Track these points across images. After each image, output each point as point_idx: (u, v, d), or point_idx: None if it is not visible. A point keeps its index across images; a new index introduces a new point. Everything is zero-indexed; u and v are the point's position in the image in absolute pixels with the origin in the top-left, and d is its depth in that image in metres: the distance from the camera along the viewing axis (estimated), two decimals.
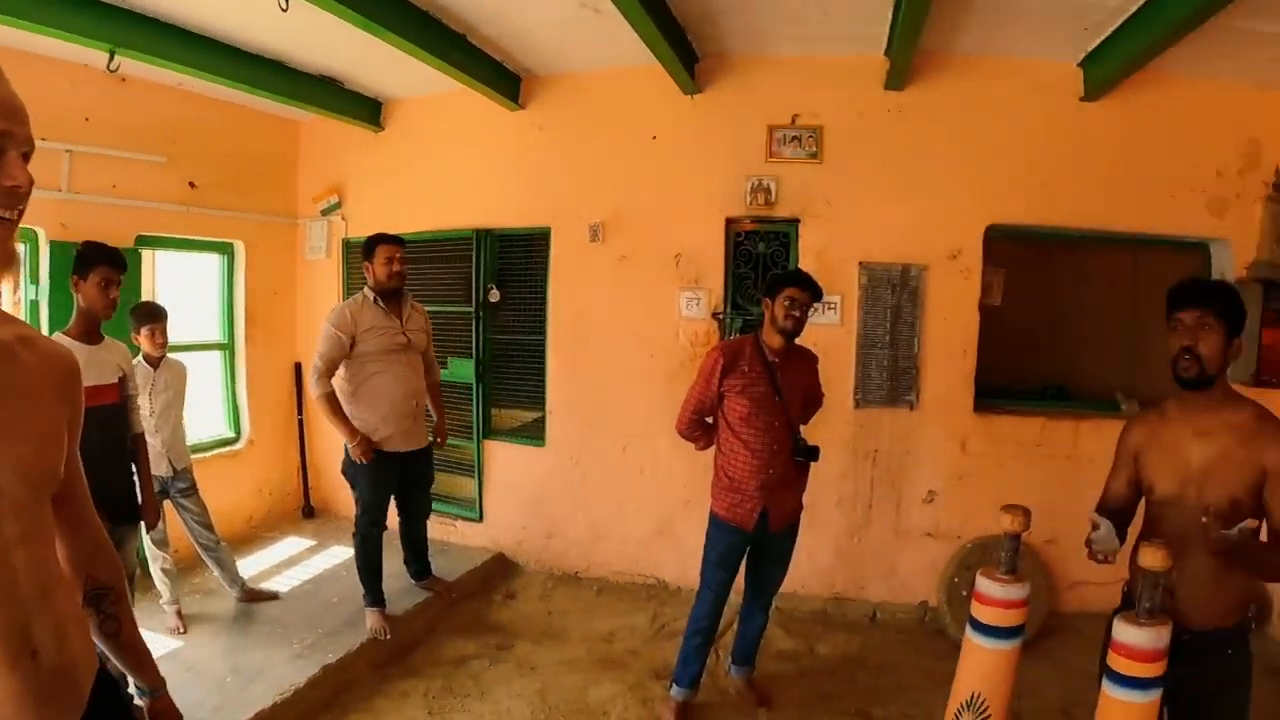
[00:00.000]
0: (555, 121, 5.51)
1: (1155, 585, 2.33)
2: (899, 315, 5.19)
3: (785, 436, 3.75)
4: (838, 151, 5.17)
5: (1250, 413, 2.48)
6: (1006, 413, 5.37)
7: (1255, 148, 5.22)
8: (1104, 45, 4.79)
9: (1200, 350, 2.40)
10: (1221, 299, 2.45)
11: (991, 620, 2.64)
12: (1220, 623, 2.48)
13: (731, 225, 5.31)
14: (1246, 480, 2.39)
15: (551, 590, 5.36)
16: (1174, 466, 2.53)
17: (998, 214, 5.19)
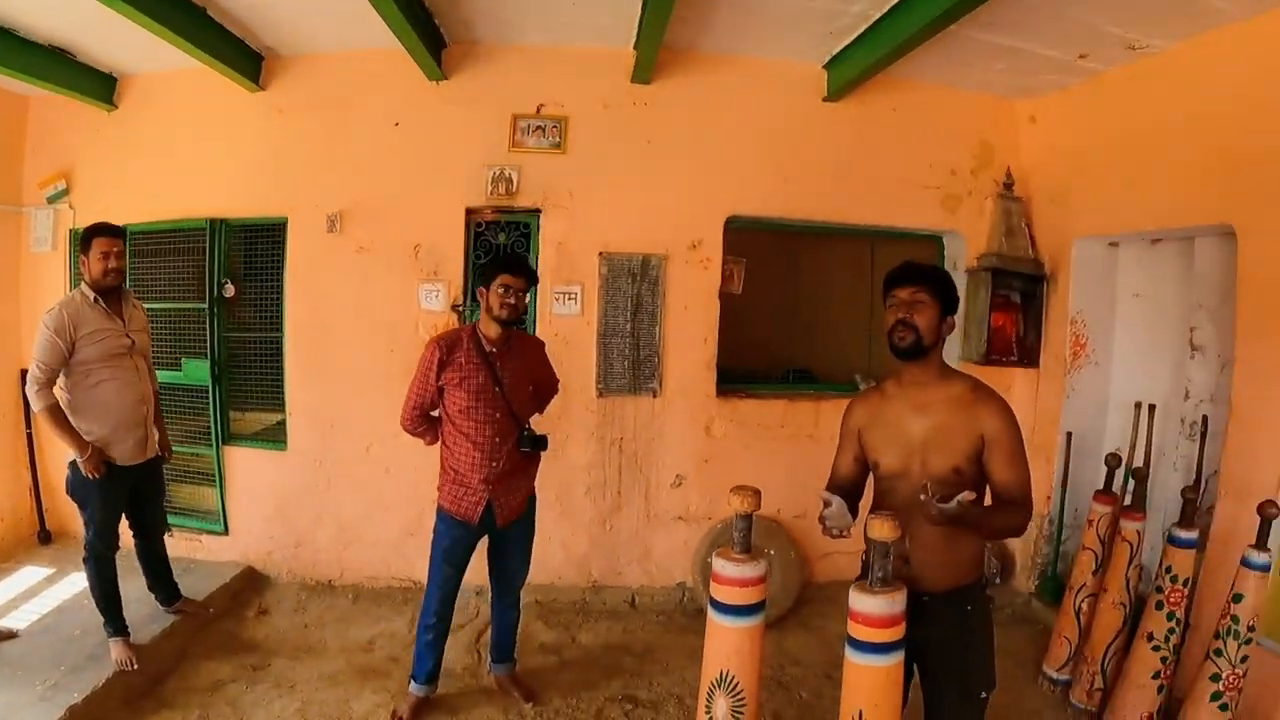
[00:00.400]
0: (296, 105, 5.20)
1: (885, 555, 2.42)
2: (640, 305, 5.24)
3: (509, 427, 3.70)
4: (582, 142, 5.19)
5: (965, 385, 2.61)
6: (749, 397, 5.51)
7: (987, 150, 5.58)
8: (848, 49, 4.98)
9: (915, 321, 2.52)
10: (934, 279, 2.59)
11: (731, 599, 2.68)
12: (956, 583, 2.61)
13: (472, 215, 5.19)
14: (966, 449, 2.51)
15: (306, 601, 5.10)
16: (897, 441, 2.63)
17: (738, 206, 5.31)
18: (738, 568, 2.67)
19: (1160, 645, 3.80)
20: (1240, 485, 3.98)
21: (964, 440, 2.51)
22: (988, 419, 2.50)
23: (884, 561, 2.42)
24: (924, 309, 2.55)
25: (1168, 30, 4.24)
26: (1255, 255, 3.91)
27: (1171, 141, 4.41)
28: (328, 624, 4.79)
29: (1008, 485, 2.50)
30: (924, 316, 2.55)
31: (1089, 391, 5.41)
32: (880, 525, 2.38)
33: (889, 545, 2.40)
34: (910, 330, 2.55)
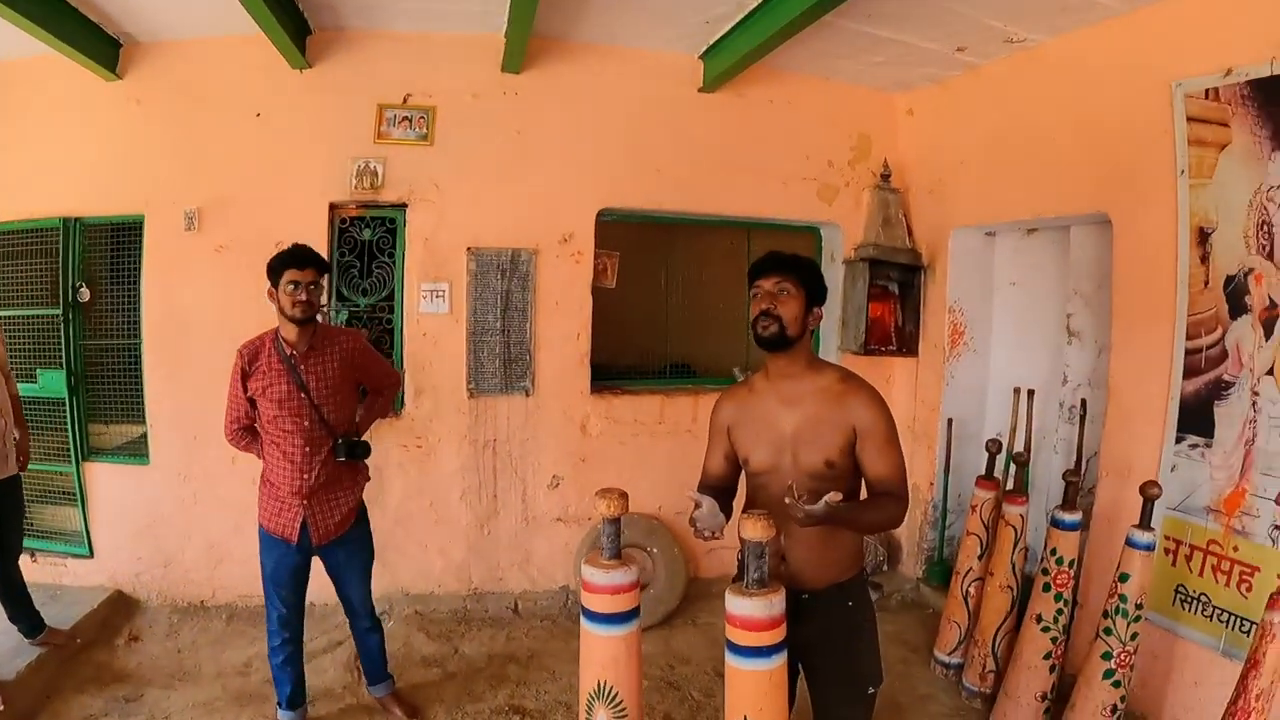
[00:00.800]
0: (154, 95, 4.76)
1: (760, 555, 2.22)
2: (510, 301, 5.01)
3: (321, 436, 3.39)
4: (450, 133, 4.91)
5: (834, 376, 2.50)
6: (625, 393, 5.35)
7: (865, 142, 5.56)
8: (724, 39, 4.83)
9: (779, 312, 2.40)
10: (799, 268, 2.48)
11: (603, 608, 2.47)
12: (836, 579, 2.51)
13: (336, 211, 4.89)
14: (838, 441, 2.41)
15: (178, 625, 4.74)
16: (767, 437, 2.51)
17: (611, 198, 5.15)
18: (607, 575, 2.45)
19: (1050, 626, 3.80)
20: (1120, 466, 4.00)
21: (835, 433, 2.42)
22: (858, 410, 2.41)
23: (759, 562, 2.23)
24: (789, 299, 2.44)
25: (1047, 25, 4.25)
26: (1129, 243, 3.94)
27: (1048, 134, 4.43)
28: (202, 648, 4.50)
29: (881, 476, 2.41)
30: (789, 307, 2.43)
31: (968, 378, 5.43)
32: (753, 525, 2.19)
33: (763, 545, 2.21)
34: (774, 321, 2.42)
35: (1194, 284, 3.62)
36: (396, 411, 4.91)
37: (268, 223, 4.74)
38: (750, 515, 2.20)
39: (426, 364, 4.92)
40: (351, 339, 3.55)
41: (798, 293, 2.43)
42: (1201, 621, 3.54)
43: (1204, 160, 3.55)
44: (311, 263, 3.29)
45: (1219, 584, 3.48)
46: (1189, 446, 3.64)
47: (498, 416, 5.06)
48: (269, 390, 3.32)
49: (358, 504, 3.58)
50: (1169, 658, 3.63)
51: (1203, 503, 3.56)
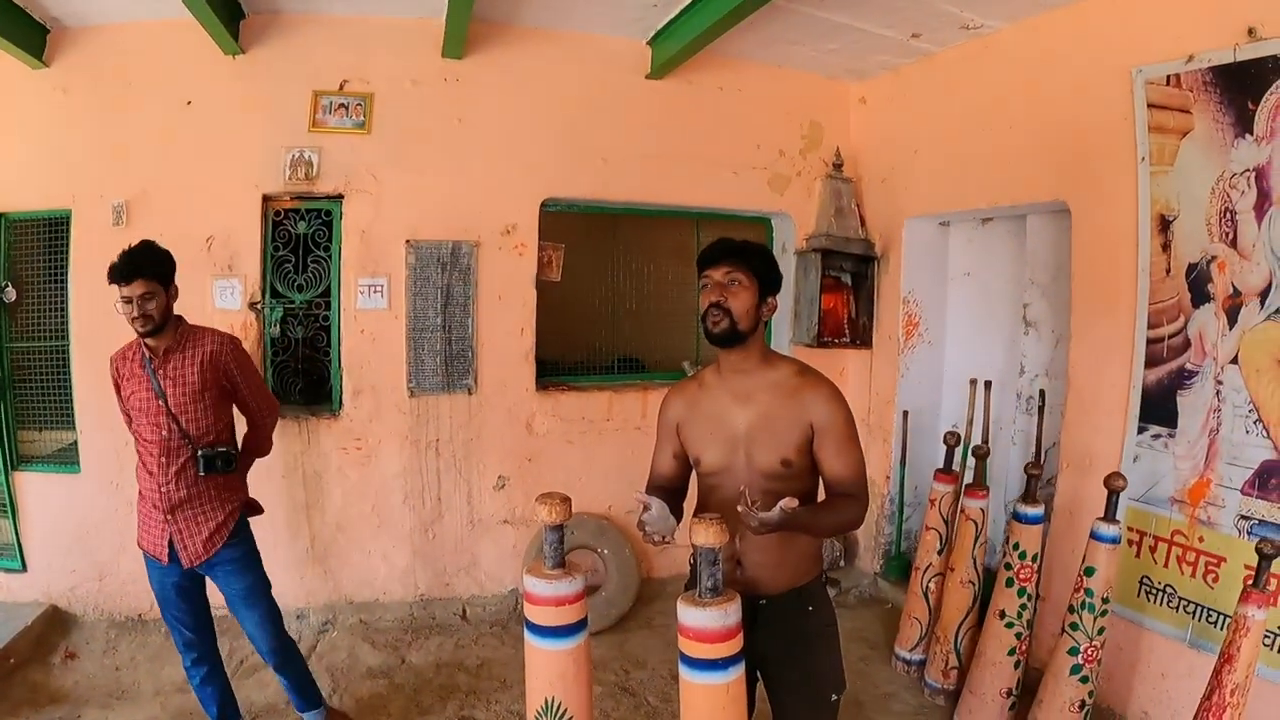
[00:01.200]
0: (82, 83, 4.44)
1: (714, 562, 2.05)
2: (450, 296, 4.79)
3: (179, 446, 3.10)
4: (388, 121, 4.67)
5: (790, 370, 2.36)
6: (571, 389, 5.19)
7: (817, 130, 5.45)
8: (673, 23, 4.66)
9: (730, 304, 2.25)
10: (751, 256, 2.33)
11: (548, 620, 2.27)
12: (794, 583, 2.37)
13: (270, 203, 4.63)
14: (795, 439, 2.28)
15: (116, 640, 4.47)
16: (719, 435, 2.37)
17: (555, 188, 4.98)
18: (551, 585, 2.25)
19: (1014, 621, 3.74)
20: (1080, 457, 3.95)
21: (791, 430, 2.28)
22: (815, 406, 2.28)
23: (713, 569, 2.06)
24: (740, 290, 2.29)
25: (1004, 10, 4.17)
26: (1089, 231, 3.89)
27: (1005, 122, 4.36)
28: (140, 664, 4.27)
29: (840, 476, 2.29)
30: (740, 299, 2.28)
31: (923, 370, 5.36)
32: (706, 529, 2.01)
33: (716, 551, 2.05)
34: (724, 314, 2.27)
35: (1155, 272, 3.57)
36: (334, 413, 4.70)
37: (198, 217, 4.49)
38: (702, 519, 2.02)
39: (365, 362, 4.70)
40: (214, 343, 3.21)
41: (750, 283, 2.28)
42: (1167, 613, 3.49)
43: (1165, 147, 3.49)
44: (141, 273, 2.99)
45: (1184, 575, 3.44)
46: (1151, 437, 3.60)
47: (440, 416, 4.86)
48: (132, 397, 3.12)
49: (226, 523, 3.23)
50: (1135, 650, 3.59)
51: (1166, 493, 3.51)
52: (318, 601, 4.71)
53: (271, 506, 4.32)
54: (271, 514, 4.34)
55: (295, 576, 4.66)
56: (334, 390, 4.74)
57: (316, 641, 4.53)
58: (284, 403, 4.59)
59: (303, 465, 4.65)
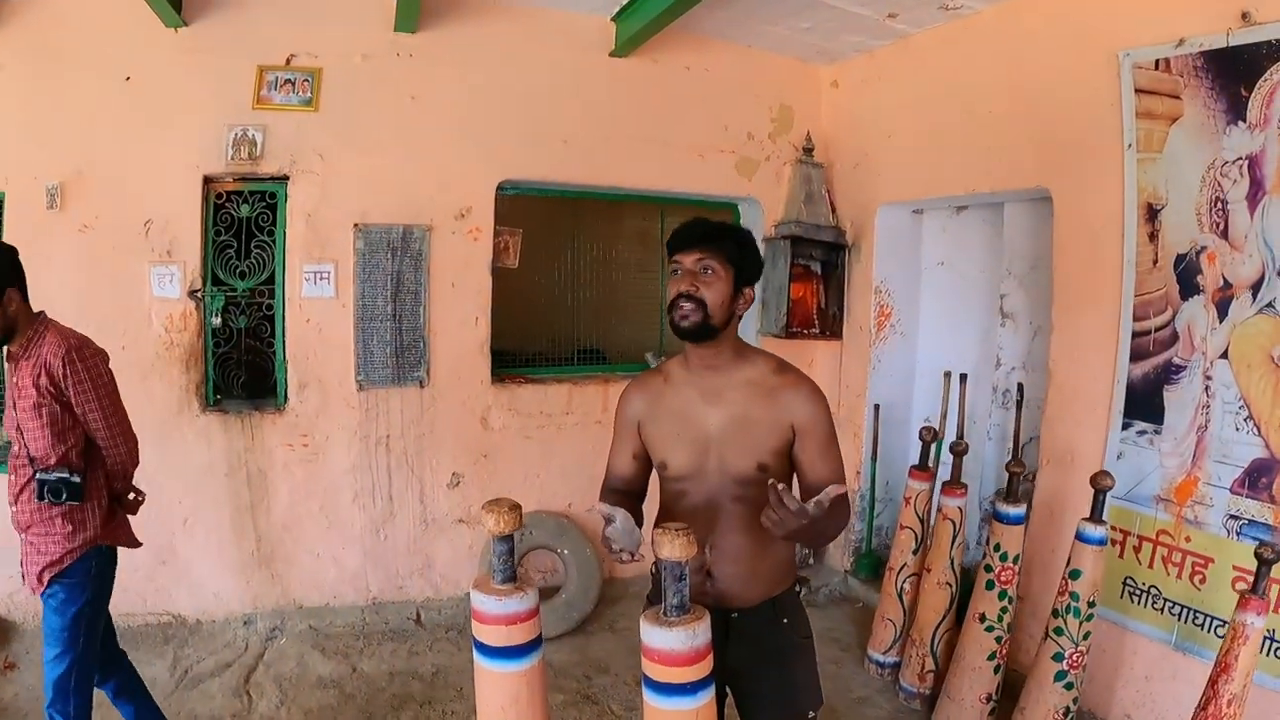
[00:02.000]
0: (16, 58, 4.07)
1: (680, 577, 1.84)
2: (401, 283, 4.53)
3: (22, 464, 2.68)
4: (336, 98, 4.39)
5: (767, 366, 2.16)
6: (529, 381, 4.97)
7: (787, 113, 5.28)
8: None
9: (702, 295, 2.03)
10: (728, 240, 2.10)
11: (498, 641, 2.03)
12: (768, 594, 2.17)
13: (211, 185, 4.33)
14: (773, 442, 2.09)
15: None
16: (687, 436, 2.16)
17: (513, 170, 4.73)
18: (500, 602, 2.00)
19: (994, 625, 3.61)
20: (1061, 453, 3.83)
21: (769, 432, 2.09)
22: (796, 406, 2.09)
23: (679, 585, 1.85)
24: (714, 280, 2.06)
25: None
26: (1072, 220, 3.77)
27: (985, 106, 4.21)
28: None
29: (824, 481, 2.07)
30: (714, 289, 2.06)
31: (895, 362, 5.23)
32: (671, 542, 1.79)
33: (683, 565, 1.83)
34: (696, 307, 2.04)
35: (1142, 263, 3.46)
36: (279, 407, 4.44)
37: (136, 199, 4.19)
38: (667, 530, 1.80)
39: (311, 353, 4.43)
40: (51, 351, 2.63)
41: (725, 271, 2.06)
42: (1152, 615, 3.40)
43: (1153, 134, 3.37)
44: None
45: (1170, 576, 3.35)
46: (1137, 433, 3.49)
47: (390, 410, 4.62)
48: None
49: (61, 561, 2.72)
50: (1118, 652, 3.50)
51: (1152, 492, 3.42)
52: (265, 606, 4.47)
53: (215, 507, 4.27)
54: (215, 514, 4.25)
55: (241, 581, 4.43)
56: (279, 383, 4.48)
57: (264, 649, 4.30)
58: (226, 397, 4.39)
59: (247, 463, 4.39)
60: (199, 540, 4.25)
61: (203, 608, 4.39)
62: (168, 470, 4.25)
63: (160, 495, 4.18)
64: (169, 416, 4.18)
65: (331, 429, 4.53)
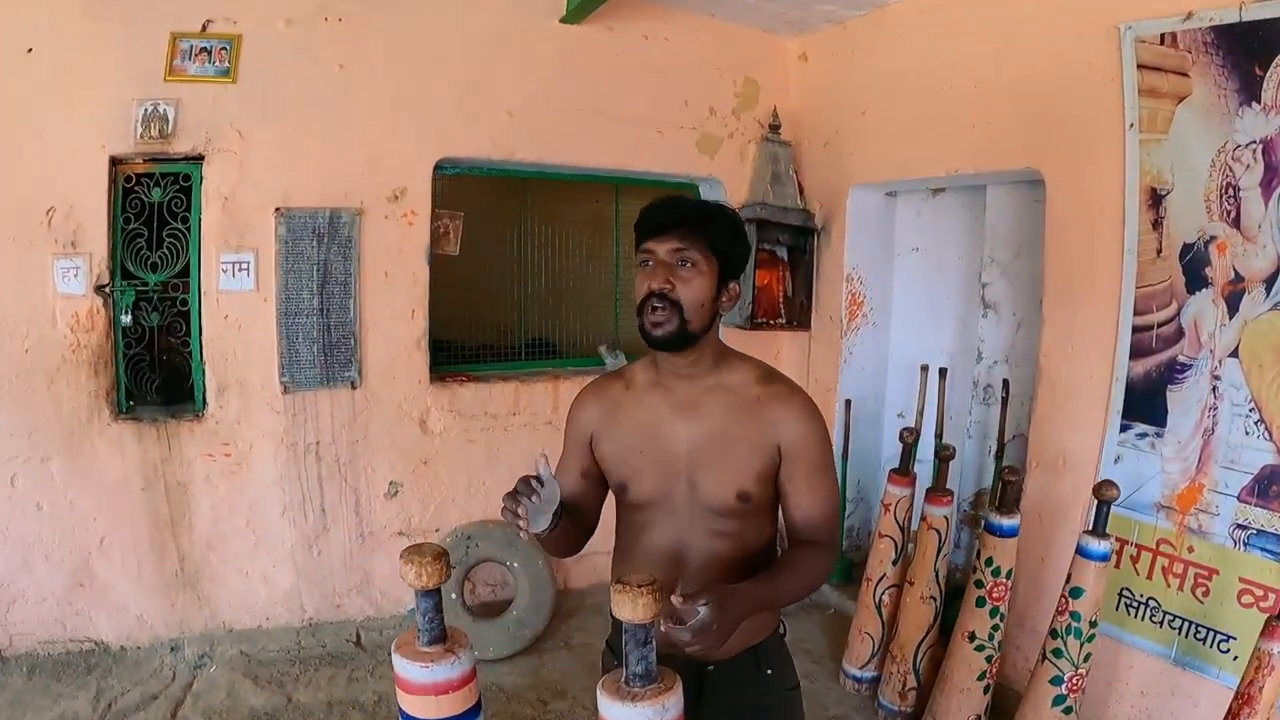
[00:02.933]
0: None
1: (644, 642, 1.46)
2: (329, 273, 4.15)
3: None
4: (256, 68, 3.97)
5: (751, 374, 1.80)
6: (472, 380, 4.62)
7: (753, 88, 4.99)
8: None
9: (679, 295, 1.66)
10: (712, 225, 1.72)
11: (427, 713, 1.68)
12: (749, 642, 1.81)
13: (120, 167, 3.91)
14: (757, 466, 1.74)
15: None
16: (653, 457, 1.81)
17: (451, 147, 4.37)
18: (428, 669, 1.66)
19: (984, 644, 3.39)
20: (1052, 456, 3.60)
21: (753, 454, 1.75)
22: (786, 424, 1.75)
23: (643, 651, 1.48)
24: (694, 275, 1.70)
25: None
26: (1065, 205, 3.51)
27: (970, 81, 3.91)
28: (1, 709, 3.72)
29: (809, 517, 1.77)
30: (694, 286, 1.69)
31: (868, 354, 4.95)
32: (629, 600, 1.41)
33: (648, 629, 1.46)
34: (671, 312, 1.68)
35: (1144, 252, 3.21)
36: (198, 413, 4.06)
37: (38, 185, 3.76)
38: (627, 587, 1.43)
39: (230, 353, 4.06)
40: None
41: (708, 264, 1.70)
42: (1150, 628, 3.19)
43: (1158, 113, 3.11)
44: None
45: (1170, 587, 3.14)
46: (1136, 436, 3.27)
47: (319, 415, 4.26)
48: None
49: None
50: (1114, 666, 3.30)
51: (1152, 498, 3.19)
52: (193, 631, 4.13)
53: (133, 524, 3.96)
54: (133, 532, 3.96)
55: (165, 603, 4.08)
56: (196, 387, 4.09)
57: (194, 678, 3.97)
58: (140, 403, 4.03)
59: (164, 475, 4.01)
60: (117, 561, 3.93)
61: (126, 633, 4.05)
62: (79, 484, 3.90)
63: (72, 512, 3.93)
64: (78, 426, 3.84)
65: (255, 436, 4.15)
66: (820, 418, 1.82)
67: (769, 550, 1.86)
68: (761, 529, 1.83)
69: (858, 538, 4.86)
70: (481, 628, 4.23)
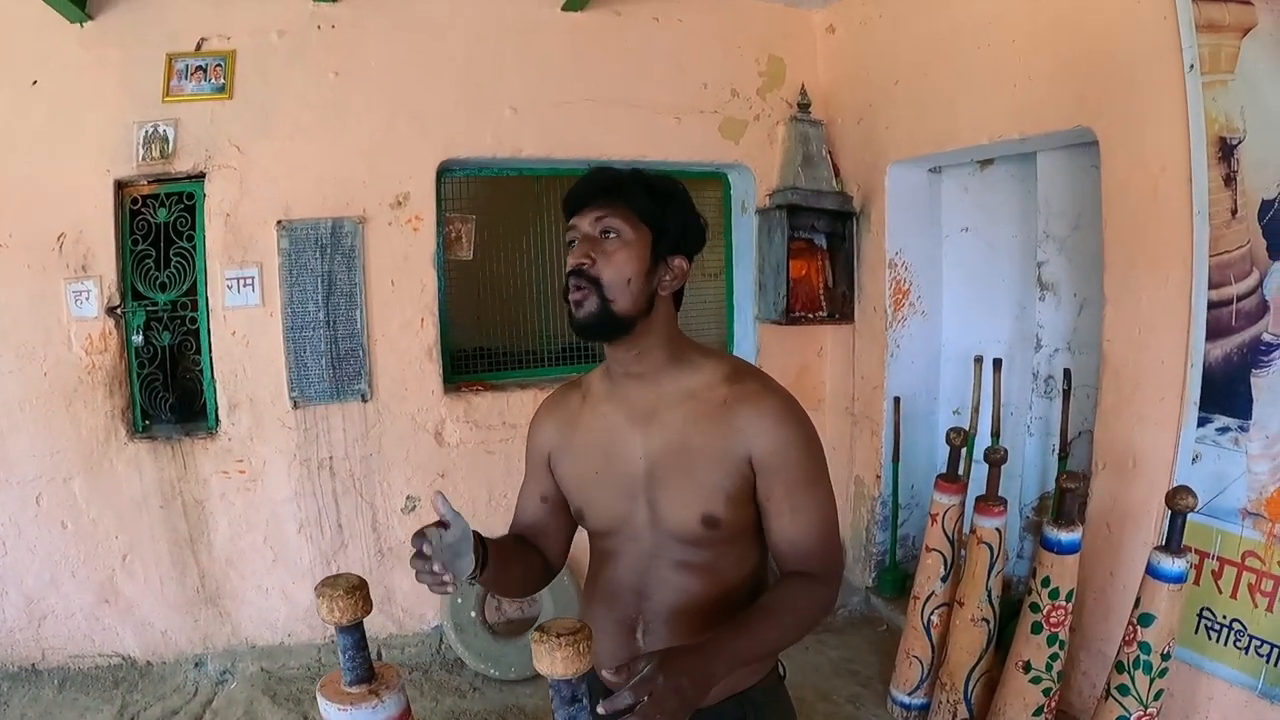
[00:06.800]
0: None
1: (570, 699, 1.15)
2: (334, 284, 3.93)
3: None
4: (252, 82, 3.84)
5: (715, 372, 1.47)
6: (488, 389, 4.32)
7: (778, 66, 4.56)
8: None
9: (599, 271, 1.38)
10: (634, 190, 1.43)
11: None
12: (734, 687, 1.46)
13: (125, 190, 3.85)
14: (725, 483, 1.42)
15: (8, 694, 3.85)
16: (608, 476, 1.52)
17: (455, 147, 4.10)
18: (346, 712, 1.34)
19: (1041, 675, 2.92)
20: (1121, 456, 3.06)
21: (718, 470, 1.42)
22: (758, 430, 1.40)
23: (571, 711, 1.15)
24: (619, 248, 1.40)
25: None
26: (1123, 165, 2.97)
27: (1008, 35, 3.40)
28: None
29: (795, 543, 1.44)
30: (617, 261, 1.39)
31: (917, 346, 4.40)
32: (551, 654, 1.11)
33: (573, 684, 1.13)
34: (589, 287, 1.38)
35: (1217, 214, 2.66)
36: (211, 431, 3.93)
37: (48, 212, 3.73)
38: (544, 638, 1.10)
39: (239, 370, 3.90)
40: None
41: (635, 234, 1.40)
42: (1233, 654, 2.66)
43: (1220, 50, 2.59)
44: None
45: (1258, 608, 2.60)
46: (1217, 430, 2.72)
47: (331, 429, 4.06)
48: None
49: None
50: (1191, 698, 2.77)
51: (1236, 504, 2.66)
52: (216, 646, 4.02)
53: (153, 541, 3.92)
54: (154, 549, 3.91)
55: (188, 619, 3.98)
56: (208, 405, 3.95)
57: (214, 694, 3.86)
58: (155, 422, 3.93)
59: (181, 493, 3.90)
60: (140, 577, 3.86)
61: (152, 648, 3.98)
62: (101, 503, 3.83)
63: (96, 529, 3.88)
64: (96, 445, 3.78)
65: (268, 453, 3.98)
66: (802, 421, 1.42)
67: (755, 585, 1.49)
68: (741, 560, 1.47)
69: (912, 546, 4.32)
70: (503, 647, 3.97)
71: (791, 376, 4.53)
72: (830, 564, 1.45)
